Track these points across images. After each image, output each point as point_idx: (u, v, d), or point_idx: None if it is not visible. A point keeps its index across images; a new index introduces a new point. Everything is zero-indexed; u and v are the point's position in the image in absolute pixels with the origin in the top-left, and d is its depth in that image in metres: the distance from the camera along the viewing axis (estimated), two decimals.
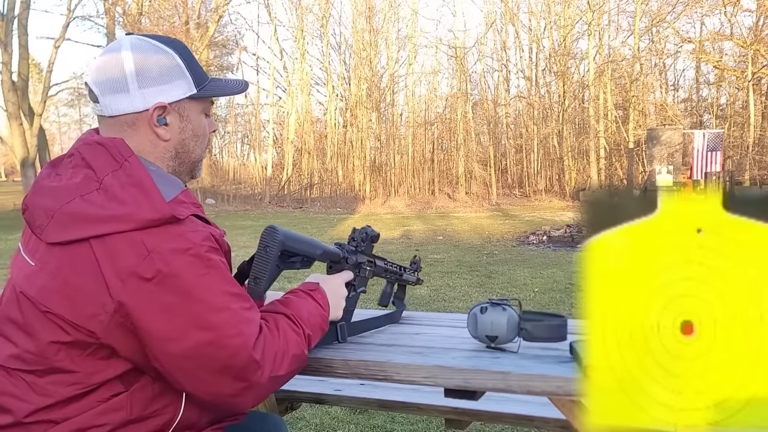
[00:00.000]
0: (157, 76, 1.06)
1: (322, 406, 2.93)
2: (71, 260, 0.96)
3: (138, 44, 1.07)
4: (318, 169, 24.52)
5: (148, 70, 1.06)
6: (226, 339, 0.96)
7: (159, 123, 1.08)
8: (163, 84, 1.07)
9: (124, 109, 1.06)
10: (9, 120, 21.10)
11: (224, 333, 0.96)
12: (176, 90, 1.08)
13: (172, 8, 24.19)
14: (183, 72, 1.09)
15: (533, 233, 10.95)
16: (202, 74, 1.13)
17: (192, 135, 1.13)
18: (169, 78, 1.08)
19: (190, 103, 1.11)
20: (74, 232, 0.96)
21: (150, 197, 0.97)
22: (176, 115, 1.10)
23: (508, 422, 1.70)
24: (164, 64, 1.08)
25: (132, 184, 0.99)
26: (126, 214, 0.95)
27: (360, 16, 25.37)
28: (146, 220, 0.95)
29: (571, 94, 23.54)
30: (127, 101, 1.06)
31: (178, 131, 1.10)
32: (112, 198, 0.97)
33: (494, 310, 1.17)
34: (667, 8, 21.82)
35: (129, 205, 0.96)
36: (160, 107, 1.07)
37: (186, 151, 1.12)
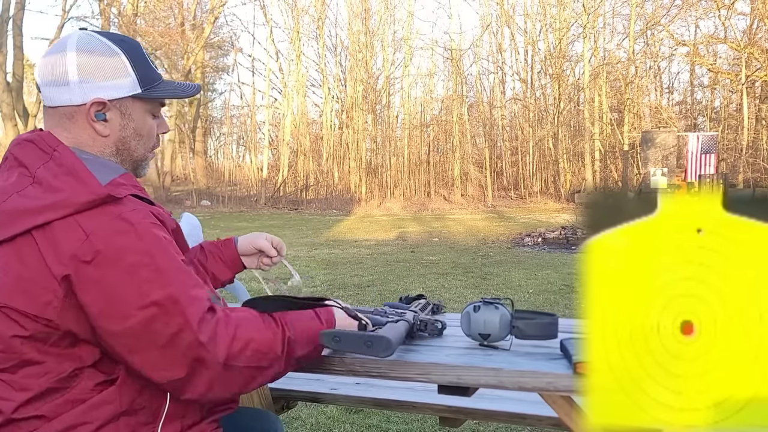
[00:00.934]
0: (98, 72, 1.08)
1: (317, 406, 2.94)
2: (18, 254, 0.98)
3: (85, 40, 1.09)
4: (314, 170, 24.50)
5: (89, 66, 1.07)
6: (168, 317, 0.95)
7: (97, 118, 1.09)
8: (104, 80, 1.08)
9: (63, 101, 1.08)
10: (3, 121, 21.02)
11: (166, 310, 0.95)
12: (118, 88, 1.09)
13: (168, 9, 24.16)
14: (128, 71, 1.10)
15: (528, 235, 10.98)
16: (152, 75, 1.13)
17: (134, 134, 1.13)
18: (111, 75, 1.09)
19: (134, 102, 1.12)
20: (16, 227, 0.98)
21: (84, 181, 0.99)
22: (117, 112, 1.10)
23: (501, 420, 1.71)
24: (108, 61, 1.09)
25: (64, 172, 1.01)
26: (61, 201, 0.97)
27: (356, 17, 25.39)
28: (82, 203, 0.97)
29: (566, 97, 23.60)
30: (67, 94, 1.08)
31: (118, 128, 1.11)
32: (47, 188, 0.99)
33: (487, 309, 1.19)
34: (662, 11, 21.94)
35: (64, 192, 0.98)
36: (99, 103, 1.08)
37: (127, 149, 1.13)
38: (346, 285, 6.48)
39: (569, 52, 24.55)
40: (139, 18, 23.51)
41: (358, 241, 11.38)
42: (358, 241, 11.23)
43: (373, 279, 6.83)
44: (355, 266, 7.87)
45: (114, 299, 0.95)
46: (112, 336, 0.96)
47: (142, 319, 0.95)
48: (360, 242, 11.09)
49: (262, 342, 1.01)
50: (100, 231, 0.95)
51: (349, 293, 6.03)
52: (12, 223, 0.98)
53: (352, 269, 7.60)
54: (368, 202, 22.49)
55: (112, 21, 22.82)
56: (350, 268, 7.74)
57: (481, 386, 1.11)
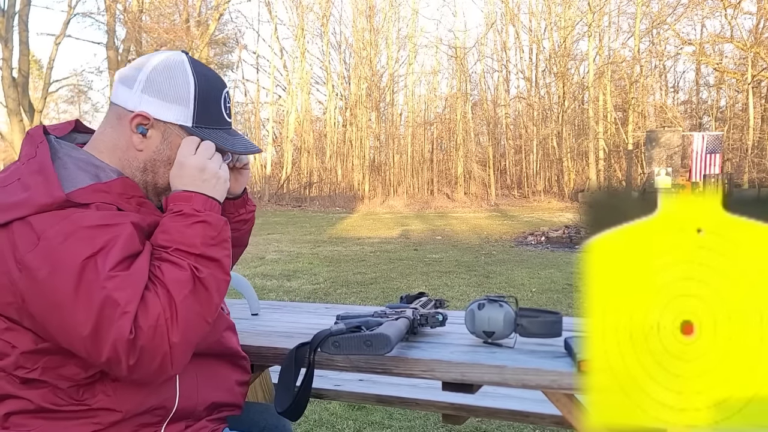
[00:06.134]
0: (160, 90, 1.07)
1: (320, 402, 2.95)
2: None
3: (173, 59, 1.09)
4: (317, 168, 24.52)
5: (157, 82, 1.07)
6: (102, 333, 0.90)
7: (138, 130, 1.07)
8: (161, 99, 1.07)
9: (120, 101, 1.09)
10: (9, 116, 21.09)
11: (101, 327, 0.90)
12: (170, 112, 1.08)
13: (173, 6, 24.16)
14: (188, 102, 1.08)
15: (531, 234, 10.97)
16: (213, 118, 1.11)
17: (166, 161, 1.09)
18: (170, 99, 1.07)
19: (180, 132, 1.09)
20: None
21: (48, 182, 0.97)
22: (159, 133, 1.08)
23: (504, 418, 1.72)
24: (176, 85, 1.08)
25: (37, 171, 0.99)
26: (24, 200, 0.95)
27: (360, 15, 25.37)
28: (40, 204, 0.95)
29: (570, 96, 23.55)
30: (126, 95, 1.08)
31: (153, 149, 1.08)
32: (22, 185, 0.98)
33: (491, 307, 1.20)
34: (668, 10, 21.87)
35: (30, 191, 0.96)
36: (144, 116, 1.06)
37: (154, 172, 1.10)
38: (349, 282, 6.49)
39: (574, 50, 24.51)
40: (145, 14, 23.54)
41: (361, 238, 11.39)
42: (361, 239, 11.24)
43: (375, 277, 6.84)
44: (358, 264, 7.88)
45: (56, 312, 0.92)
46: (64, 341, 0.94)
47: (81, 334, 0.91)
48: (363, 240, 11.10)
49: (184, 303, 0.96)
50: (49, 235, 0.92)
51: (351, 291, 6.04)
52: None
53: (355, 267, 7.61)
54: (371, 199, 22.50)
55: (117, 17, 22.86)
56: (353, 265, 7.75)
57: (485, 383, 1.12)
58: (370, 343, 1.08)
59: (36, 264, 0.91)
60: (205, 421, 1.12)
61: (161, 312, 0.93)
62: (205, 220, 1.02)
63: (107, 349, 0.90)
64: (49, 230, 0.93)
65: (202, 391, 1.11)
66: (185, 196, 1.04)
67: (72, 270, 0.91)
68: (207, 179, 1.06)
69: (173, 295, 0.95)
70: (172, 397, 1.06)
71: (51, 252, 0.92)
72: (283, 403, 1.09)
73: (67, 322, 0.91)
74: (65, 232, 0.93)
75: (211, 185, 1.07)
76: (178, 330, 0.94)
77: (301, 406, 1.10)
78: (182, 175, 1.06)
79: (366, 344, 1.08)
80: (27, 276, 0.92)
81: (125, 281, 0.92)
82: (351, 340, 1.09)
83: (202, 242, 1.00)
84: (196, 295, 0.97)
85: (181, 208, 1.03)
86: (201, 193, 1.05)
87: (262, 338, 1.35)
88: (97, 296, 0.90)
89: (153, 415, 1.04)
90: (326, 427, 2.75)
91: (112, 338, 0.90)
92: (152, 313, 0.92)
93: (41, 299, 0.92)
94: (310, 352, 1.10)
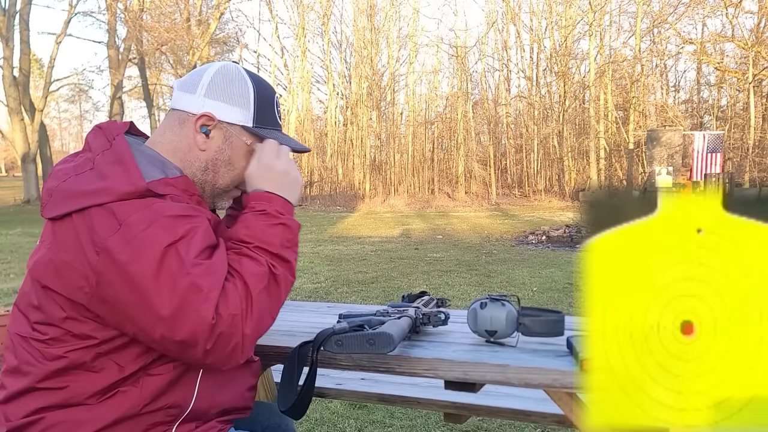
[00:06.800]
0: (223, 94, 1.13)
1: (322, 401, 2.95)
2: (59, 235, 1.00)
3: (229, 68, 1.16)
4: (318, 167, 24.52)
5: (218, 86, 1.13)
6: (183, 317, 0.94)
7: (202, 131, 1.12)
8: (224, 102, 1.13)
9: (182, 106, 1.14)
10: (10, 115, 21.11)
11: (184, 308, 0.94)
12: (233, 113, 1.13)
13: (174, 5, 24.18)
14: (249, 104, 1.14)
15: (532, 233, 10.97)
16: (269, 119, 1.17)
17: (227, 161, 1.15)
18: (232, 101, 1.13)
19: (241, 134, 1.14)
20: (62, 207, 1.00)
21: (129, 172, 1.01)
22: (221, 134, 1.13)
23: (506, 417, 1.72)
24: (236, 88, 1.14)
25: (115, 161, 1.03)
26: (104, 188, 0.99)
27: (361, 14, 25.36)
28: (122, 192, 0.98)
29: (571, 95, 23.54)
30: (188, 101, 1.13)
31: (215, 148, 1.13)
32: (98, 174, 1.01)
33: (494, 306, 1.20)
34: (669, 9, 21.86)
35: (109, 180, 1.00)
36: (209, 117, 1.12)
37: (215, 172, 1.14)
38: (350, 281, 6.50)
39: (575, 49, 24.51)
40: (145, 13, 23.56)
41: (361, 237, 11.39)
42: (362, 238, 11.24)
43: (376, 276, 6.85)
44: (358, 263, 7.89)
45: (139, 294, 0.95)
46: (143, 330, 0.97)
47: (161, 316, 0.94)
48: (364, 239, 11.10)
49: (262, 296, 1.01)
50: (132, 221, 0.96)
51: (352, 290, 6.05)
52: (63, 203, 1.01)
53: (356, 266, 7.62)
54: (372, 198, 22.50)
55: (118, 16, 22.87)
56: (354, 264, 7.76)
57: (488, 382, 1.12)
58: (373, 342, 1.09)
59: (118, 248, 0.94)
60: (215, 422, 1.12)
61: (239, 302, 0.97)
62: (286, 223, 1.09)
63: (186, 331, 0.94)
64: (131, 217, 0.96)
65: (217, 393, 1.12)
66: (266, 197, 1.10)
67: (154, 255, 0.94)
68: (289, 183, 1.13)
69: (250, 288, 0.99)
70: (189, 396, 1.07)
71: (133, 237, 0.95)
72: (286, 401, 1.10)
73: (146, 302, 0.94)
74: (148, 220, 0.96)
75: (292, 189, 1.14)
76: (251, 321, 0.98)
77: (304, 404, 1.11)
78: (268, 177, 1.12)
79: (369, 343, 1.09)
80: (106, 258, 0.95)
81: (209, 269, 0.97)
82: (354, 338, 1.10)
83: (280, 243, 1.07)
84: (269, 291, 1.02)
85: (264, 208, 1.09)
86: (281, 196, 1.11)
87: (265, 336, 1.35)
88: (182, 281, 0.94)
89: (166, 413, 1.05)
90: (327, 425, 2.75)
91: (192, 321, 0.94)
92: (232, 303, 0.97)
93: (119, 281, 0.94)
94: (313, 351, 1.11)
